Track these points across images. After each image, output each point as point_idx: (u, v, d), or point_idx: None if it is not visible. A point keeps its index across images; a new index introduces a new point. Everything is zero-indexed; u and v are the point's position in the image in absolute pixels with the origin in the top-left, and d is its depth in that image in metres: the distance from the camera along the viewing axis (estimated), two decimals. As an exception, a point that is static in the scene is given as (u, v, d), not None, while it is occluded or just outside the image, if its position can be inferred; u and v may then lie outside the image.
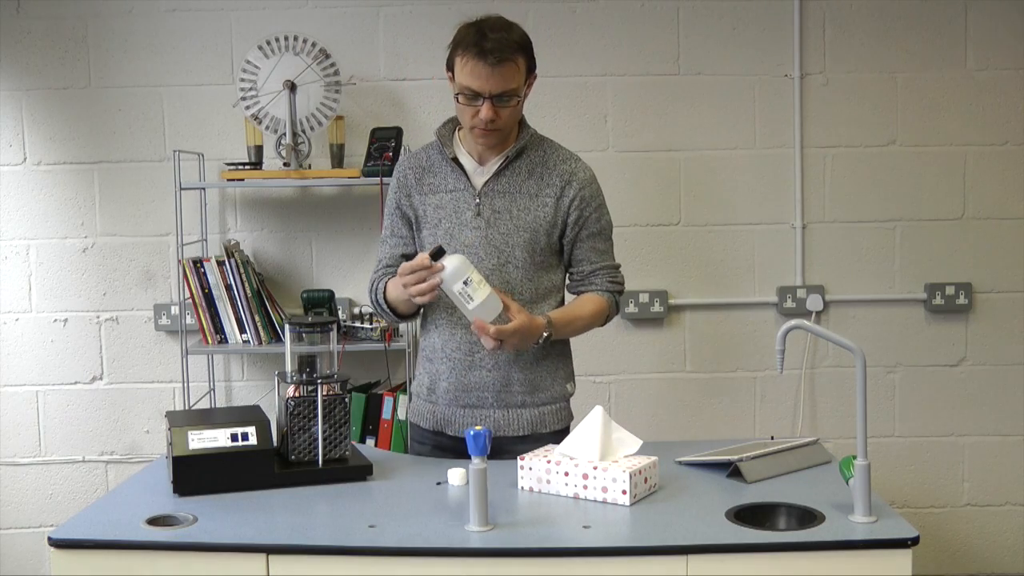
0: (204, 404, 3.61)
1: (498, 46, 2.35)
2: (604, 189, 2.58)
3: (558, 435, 2.52)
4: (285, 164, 3.44)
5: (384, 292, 2.55)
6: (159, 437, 3.65)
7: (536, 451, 2.27)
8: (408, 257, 2.59)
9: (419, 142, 2.64)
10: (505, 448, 2.45)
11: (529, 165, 2.51)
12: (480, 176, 2.51)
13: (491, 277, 2.43)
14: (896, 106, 3.68)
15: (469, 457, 1.89)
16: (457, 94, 2.42)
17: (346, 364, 3.14)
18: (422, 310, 2.61)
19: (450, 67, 2.45)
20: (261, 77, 3.40)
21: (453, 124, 2.57)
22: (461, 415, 2.53)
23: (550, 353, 2.54)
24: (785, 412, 3.76)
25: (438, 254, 2.30)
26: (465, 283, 2.30)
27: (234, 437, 2.22)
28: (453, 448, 2.53)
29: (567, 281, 2.63)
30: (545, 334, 2.44)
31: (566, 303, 2.60)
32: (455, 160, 2.51)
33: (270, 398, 3.54)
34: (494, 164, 2.50)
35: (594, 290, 2.57)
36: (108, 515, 2.10)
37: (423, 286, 2.32)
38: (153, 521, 2.04)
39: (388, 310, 2.57)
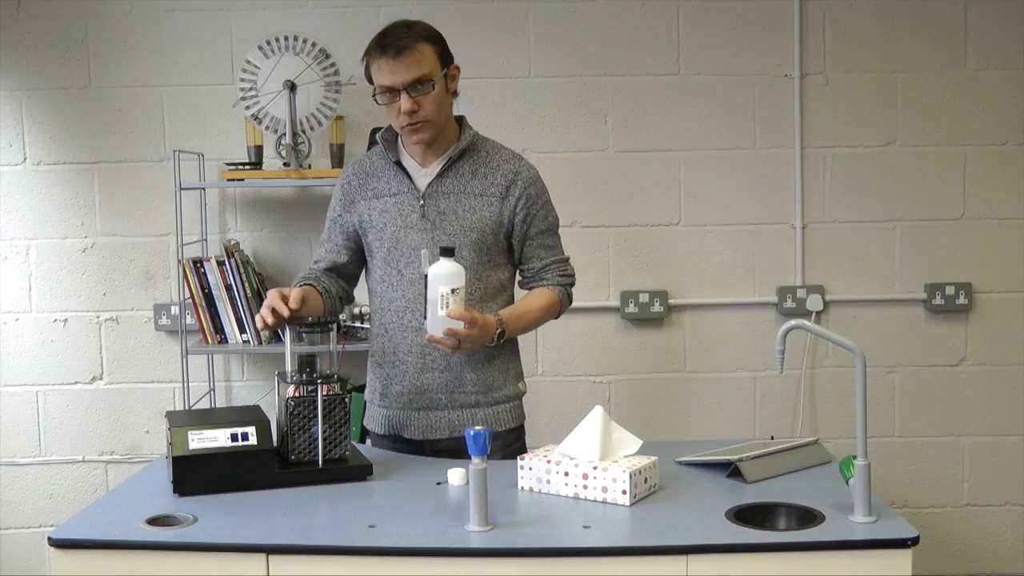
0: (204, 404, 3.61)
1: (396, 38, 2.41)
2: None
3: (513, 433, 2.58)
4: (285, 164, 3.44)
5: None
6: (159, 437, 3.65)
7: (536, 451, 2.27)
8: (338, 267, 2.60)
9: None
10: (464, 449, 2.44)
11: (472, 165, 2.52)
12: (424, 178, 2.52)
13: None
14: (896, 106, 3.68)
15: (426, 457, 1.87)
16: (376, 96, 2.45)
17: (346, 364, 3.13)
18: (371, 315, 2.62)
19: (369, 79, 2.49)
20: (261, 77, 3.40)
21: None
22: (416, 417, 2.55)
23: (500, 353, 2.56)
24: (785, 412, 3.76)
25: (448, 252, 2.30)
26: (452, 291, 2.29)
27: (234, 437, 2.22)
28: (411, 453, 2.55)
29: (518, 278, 2.65)
30: (499, 330, 2.45)
31: (516, 300, 2.62)
32: (398, 164, 2.53)
33: (270, 398, 3.54)
34: (437, 165, 2.52)
35: (545, 285, 2.59)
36: (108, 515, 2.10)
37: (269, 315, 2.31)
38: (153, 521, 2.04)
39: None
